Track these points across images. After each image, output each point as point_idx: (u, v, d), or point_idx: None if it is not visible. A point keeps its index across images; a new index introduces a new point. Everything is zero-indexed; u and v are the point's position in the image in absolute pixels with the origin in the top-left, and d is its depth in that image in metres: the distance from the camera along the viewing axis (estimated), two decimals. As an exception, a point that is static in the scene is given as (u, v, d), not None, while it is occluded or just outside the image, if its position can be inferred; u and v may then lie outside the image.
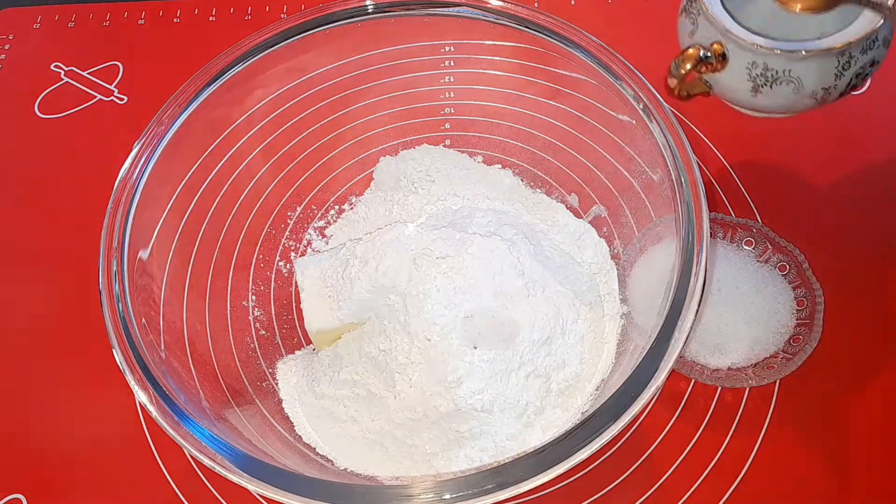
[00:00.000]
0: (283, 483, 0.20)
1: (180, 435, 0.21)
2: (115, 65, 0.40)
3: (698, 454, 0.26)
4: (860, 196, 0.33)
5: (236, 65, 0.28)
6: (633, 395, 0.20)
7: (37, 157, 0.36)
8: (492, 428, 0.25)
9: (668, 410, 0.27)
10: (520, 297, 0.27)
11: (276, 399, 0.28)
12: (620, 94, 0.27)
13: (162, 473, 0.27)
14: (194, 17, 0.41)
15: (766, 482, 0.26)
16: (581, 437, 0.20)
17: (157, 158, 0.26)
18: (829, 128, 0.36)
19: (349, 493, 0.20)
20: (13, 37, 0.41)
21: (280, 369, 0.29)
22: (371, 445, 0.26)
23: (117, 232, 0.25)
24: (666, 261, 0.23)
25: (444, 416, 0.25)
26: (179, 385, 0.23)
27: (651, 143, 0.26)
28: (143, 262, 0.25)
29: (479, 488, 0.19)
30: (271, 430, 0.26)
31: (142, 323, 0.24)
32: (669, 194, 0.24)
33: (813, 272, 0.29)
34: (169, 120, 0.27)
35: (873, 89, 0.37)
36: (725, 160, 0.34)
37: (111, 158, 0.27)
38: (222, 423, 0.23)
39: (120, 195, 0.25)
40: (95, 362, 0.29)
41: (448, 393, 0.25)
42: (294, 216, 0.33)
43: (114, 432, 0.28)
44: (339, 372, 0.27)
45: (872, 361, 0.29)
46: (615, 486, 0.26)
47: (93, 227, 0.25)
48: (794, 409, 0.27)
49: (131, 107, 0.38)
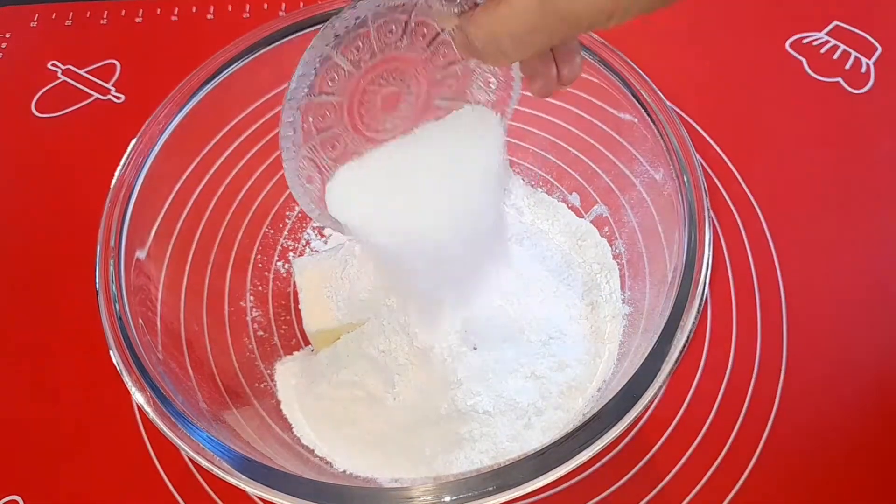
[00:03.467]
0: (281, 485, 0.20)
1: (177, 436, 0.21)
2: (112, 63, 0.39)
3: (701, 456, 0.26)
4: (864, 195, 0.33)
5: (234, 63, 0.28)
6: (635, 397, 0.20)
7: (33, 156, 0.36)
8: (492, 430, 0.25)
9: (670, 412, 0.27)
10: (521, 298, 0.26)
11: (274, 400, 0.28)
12: (622, 93, 0.26)
13: (159, 475, 0.27)
14: (192, 15, 0.41)
15: (769, 483, 0.26)
16: (582, 438, 0.20)
17: (154, 157, 0.26)
18: (833, 127, 0.36)
19: (347, 496, 0.20)
20: (10, 35, 0.41)
21: (278, 370, 0.29)
22: (370, 447, 0.26)
23: (114, 232, 0.24)
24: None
25: (443, 418, 0.25)
26: (177, 386, 0.23)
27: (653, 142, 0.25)
28: (141, 263, 0.25)
29: (480, 490, 0.19)
30: (269, 432, 0.26)
31: (139, 324, 0.23)
32: (672, 194, 0.24)
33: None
34: (166, 119, 0.27)
35: (877, 88, 0.36)
36: (728, 159, 0.34)
37: (108, 157, 0.27)
38: (220, 425, 0.23)
39: (117, 194, 0.25)
40: (92, 363, 0.29)
41: (448, 394, 0.25)
42: (293, 216, 0.32)
43: (111, 433, 0.28)
44: (338, 373, 0.27)
45: (870, 363, 0.28)
46: (617, 488, 0.26)
47: (90, 227, 0.24)
48: (797, 410, 0.27)
49: (128, 105, 0.38)
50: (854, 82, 0.37)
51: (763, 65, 0.38)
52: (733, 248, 0.32)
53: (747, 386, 0.28)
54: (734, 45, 0.38)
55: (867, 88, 0.36)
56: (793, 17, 0.39)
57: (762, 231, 0.32)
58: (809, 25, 0.39)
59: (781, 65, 0.38)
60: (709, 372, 0.28)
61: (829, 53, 0.38)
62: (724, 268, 0.31)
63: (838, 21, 0.39)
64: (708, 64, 0.38)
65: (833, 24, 0.39)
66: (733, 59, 0.38)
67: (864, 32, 0.38)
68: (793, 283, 0.30)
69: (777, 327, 0.29)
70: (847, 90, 0.37)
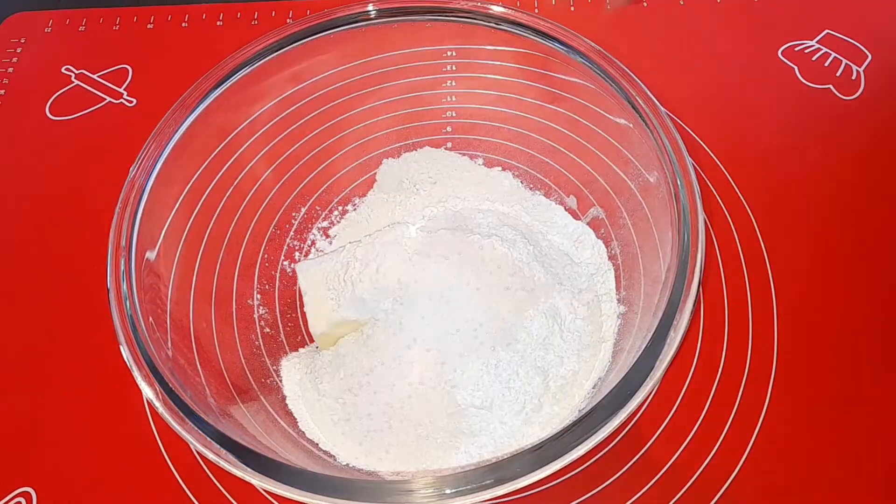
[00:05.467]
0: (286, 478, 0.20)
1: (186, 430, 0.21)
2: (124, 68, 0.40)
3: (695, 449, 0.27)
4: (856, 199, 0.34)
5: (242, 68, 0.29)
6: (630, 393, 0.21)
7: (47, 158, 0.37)
8: (491, 425, 0.26)
9: (665, 406, 0.28)
10: (519, 296, 0.27)
11: (280, 395, 0.28)
12: (618, 98, 0.27)
13: (168, 467, 0.27)
14: (202, 22, 0.42)
15: (763, 476, 0.26)
16: (578, 433, 0.20)
17: (164, 160, 0.27)
18: (827, 130, 0.36)
19: (350, 488, 0.20)
20: (25, 40, 0.42)
21: (284, 366, 0.29)
22: (371, 442, 0.26)
23: (125, 232, 0.25)
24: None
25: (442, 414, 0.26)
26: (185, 382, 0.23)
27: (648, 146, 0.26)
28: (151, 263, 0.26)
29: (478, 483, 0.20)
30: (275, 426, 0.27)
31: (149, 321, 0.24)
32: (666, 196, 0.25)
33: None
34: (176, 122, 0.27)
35: (867, 95, 0.37)
36: (721, 163, 0.35)
37: (120, 160, 0.28)
38: (227, 419, 0.23)
39: (128, 196, 0.26)
40: (104, 359, 0.29)
41: (447, 391, 0.26)
42: (298, 217, 0.33)
43: (121, 428, 0.28)
44: (339, 370, 0.27)
45: (860, 361, 0.29)
46: (613, 481, 0.26)
47: (101, 227, 0.25)
48: (787, 406, 0.28)
49: (140, 109, 0.38)
50: (845, 89, 0.38)
51: (756, 71, 0.38)
52: (725, 250, 0.32)
53: (739, 382, 0.28)
54: (727, 52, 0.39)
55: (857, 95, 0.37)
56: (785, 25, 0.40)
57: (754, 233, 0.33)
58: (801, 33, 0.40)
59: (774, 72, 0.38)
60: (702, 368, 0.29)
61: (821, 61, 0.39)
62: (716, 268, 0.32)
63: (830, 29, 0.40)
64: (701, 70, 0.39)
65: (824, 32, 0.40)
66: (726, 66, 0.39)
67: (854, 40, 0.39)
68: (783, 285, 0.31)
69: (768, 326, 0.30)
70: (838, 97, 0.37)
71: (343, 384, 0.27)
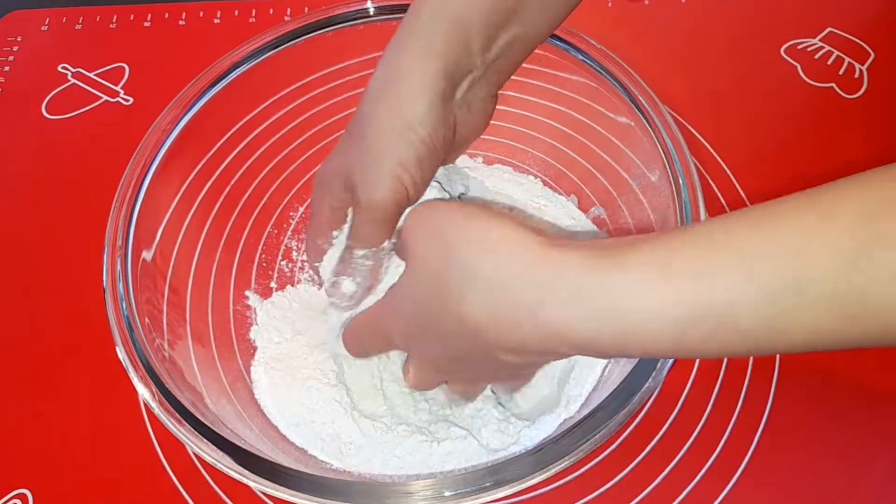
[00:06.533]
0: (284, 480, 0.20)
1: (181, 432, 0.21)
2: (121, 66, 0.40)
3: (696, 451, 0.27)
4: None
5: (240, 66, 0.29)
6: (630, 394, 0.21)
7: (43, 157, 0.37)
8: (488, 426, 0.26)
9: (666, 408, 0.28)
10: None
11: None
12: (619, 97, 0.27)
13: (164, 469, 0.27)
14: (199, 20, 0.42)
15: (762, 480, 0.26)
16: (578, 435, 0.20)
17: (161, 159, 0.27)
18: (827, 129, 0.36)
19: (349, 491, 0.20)
20: (21, 38, 0.42)
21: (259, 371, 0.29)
22: (367, 448, 0.26)
23: (121, 232, 0.25)
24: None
25: (441, 416, 0.25)
26: (182, 383, 0.23)
27: (649, 144, 0.26)
28: (147, 263, 0.25)
29: (478, 486, 0.20)
30: (272, 428, 0.26)
31: (145, 322, 0.24)
32: (667, 195, 0.25)
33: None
34: (173, 121, 0.27)
35: (870, 93, 0.37)
36: (723, 161, 0.35)
37: (116, 159, 0.27)
38: (224, 421, 0.23)
39: (124, 195, 0.25)
40: (100, 360, 0.29)
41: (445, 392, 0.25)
42: (296, 216, 0.33)
43: (118, 429, 0.28)
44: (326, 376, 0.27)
45: (860, 364, 0.29)
46: (613, 484, 0.26)
47: (98, 227, 0.25)
48: (789, 408, 0.28)
49: (137, 108, 0.38)
50: (847, 87, 0.37)
51: (758, 70, 0.38)
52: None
53: (741, 385, 0.28)
54: (730, 51, 0.39)
55: (860, 93, 0.37)
56: (788, 24, 0.40)
57: (756, 233, 0.32)
58: (804, 32, 0.40)
59: (777, 70, 0.38)
60: (703, 371, 0.29)
61: (824, 59, 0.38)
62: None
63: (832, 27, 0.40)
64: (704, 69, 0.38)
65: (827, 30, 0.40)
66: (729, 64, 0.39)
67: (857, 39, 0.39)
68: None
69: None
70: (841, 95, 0.37)
71: (328, 391, 0.27)
